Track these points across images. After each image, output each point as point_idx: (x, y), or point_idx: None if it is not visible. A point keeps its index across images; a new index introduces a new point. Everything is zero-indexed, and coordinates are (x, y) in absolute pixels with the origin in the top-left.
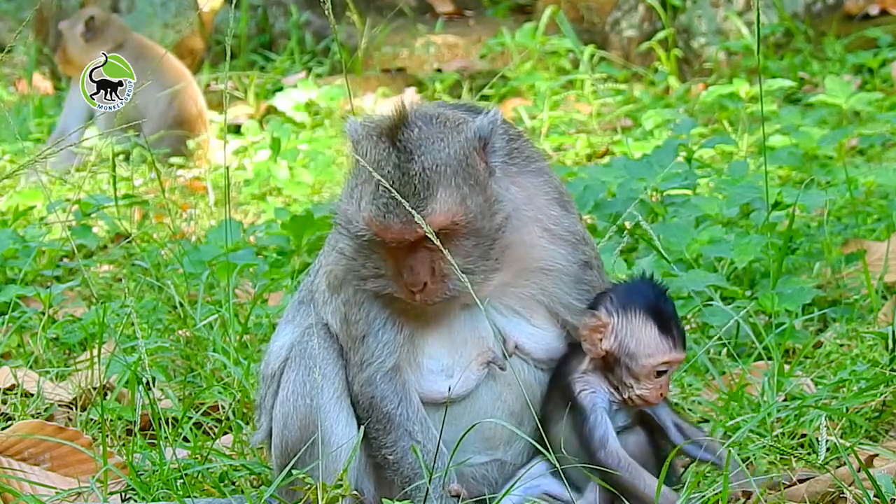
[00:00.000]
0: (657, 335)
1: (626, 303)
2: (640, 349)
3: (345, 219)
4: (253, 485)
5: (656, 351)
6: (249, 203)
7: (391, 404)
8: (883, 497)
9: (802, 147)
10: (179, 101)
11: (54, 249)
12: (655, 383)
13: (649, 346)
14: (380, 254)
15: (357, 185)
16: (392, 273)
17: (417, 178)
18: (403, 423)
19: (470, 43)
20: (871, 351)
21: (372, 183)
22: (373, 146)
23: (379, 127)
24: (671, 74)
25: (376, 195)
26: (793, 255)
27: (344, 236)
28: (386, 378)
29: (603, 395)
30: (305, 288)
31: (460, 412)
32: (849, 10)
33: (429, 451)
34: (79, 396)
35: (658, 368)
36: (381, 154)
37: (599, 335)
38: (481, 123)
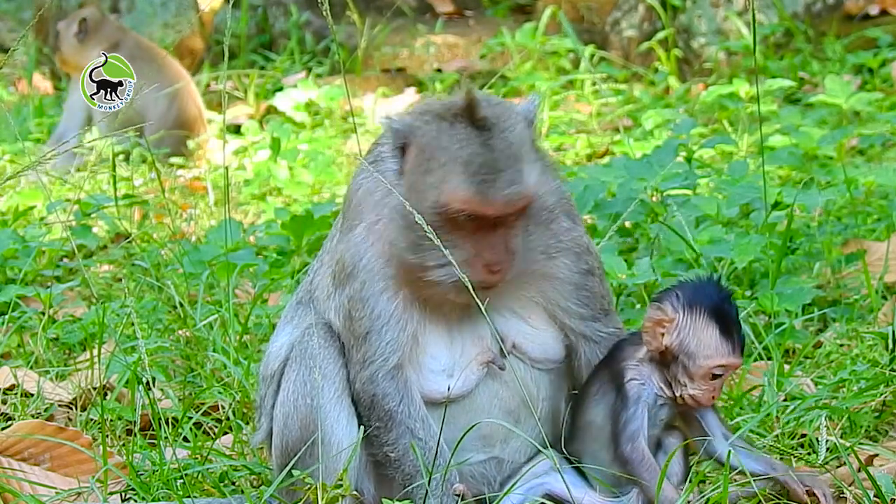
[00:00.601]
0: (718, 337)
1: (692, 301)
2: (699, 349)
3: (417, 206)
4: (253, 485)
5: (715, 353)
6: (249, 203)
7: (392, 402)
8: (883, 497)
9: (802, 147)
10: (179, 102)
11: (54, 249)
12: (710, 385)
13: (709, 348)
14: (453, 238)
15: (433, 170)
16: (468, 256)
17: (505, 153)
18: (405, 421)
19: (470, 43)
20: (871, 351)
21: (458, 163)
22: (447, 129)
23: (450, 110)
24: (671, 74)
25: (470, 173)
26: (793, 255)
27: (402, 228)
28: (388, 376)
29: (651, 389)
30: (304, 289)
31: (458, 411)
32: (849, 10)
33: (430, 448)
34: (79, 396)
35: (714, 371)
36: (460, 134)
37: (662, 329)
38: (529, 106)
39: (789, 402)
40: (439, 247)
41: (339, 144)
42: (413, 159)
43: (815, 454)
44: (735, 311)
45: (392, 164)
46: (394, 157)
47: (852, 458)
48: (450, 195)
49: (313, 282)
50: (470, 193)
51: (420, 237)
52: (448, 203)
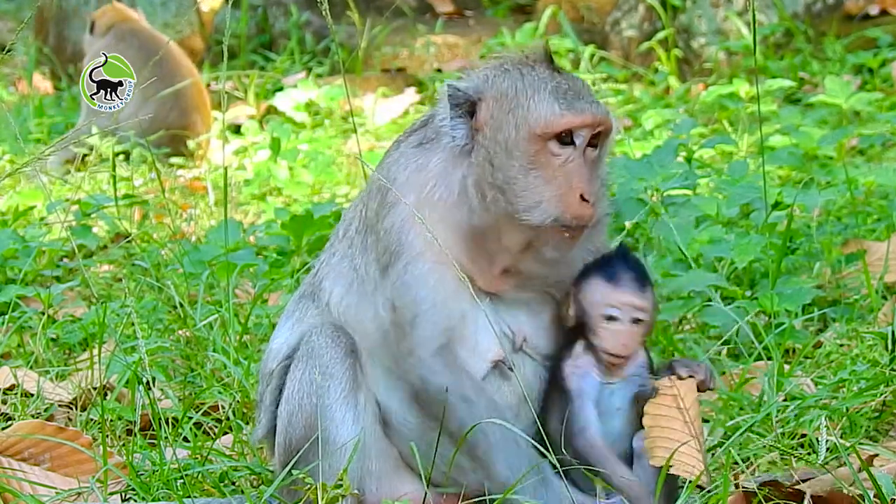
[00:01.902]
0: (600, 281)
1: (585, 267)
2: (586, 299)
3: (504, 149)
4: (253, 485)
5: (598, 295)
6: (249, 203)
7: (443, 376)
8: (883, 497)
9: (802, 147)
10: (183, 100)
11: (54, 249)
12: (609, 330)
13: (594, 294)
14: (543, 174)
15: (520, 104)
16: (560, 190)
17: (585, 87)
18: (457, 390)
19: (470, 43)
20: (871, 351)
21: (545, 91)
22: (527, 72)
23: (527, 58)
24: (671, 74)
25: (559, 94)
26: (793, 255)
27: (481, 183)
28: (436, 354)
29: (593, 379)
30: (308, 282)
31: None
32: (849, 10)
33: (482, 407)
34: (79, 396)
35: (604, 312)
36: (543, 74)
37: (566, 306)
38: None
39: (789, 402)
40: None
41: (339, 144)
42: (490, 109)
43: (816, 454)
44: (627, 256)
45: (458, 132)
46: (459, 121)
47: (852, 458)
48: (543, 116)
49: (318, 275)
50: (562, 108)
51: (511, 178)
52: (542, 125)
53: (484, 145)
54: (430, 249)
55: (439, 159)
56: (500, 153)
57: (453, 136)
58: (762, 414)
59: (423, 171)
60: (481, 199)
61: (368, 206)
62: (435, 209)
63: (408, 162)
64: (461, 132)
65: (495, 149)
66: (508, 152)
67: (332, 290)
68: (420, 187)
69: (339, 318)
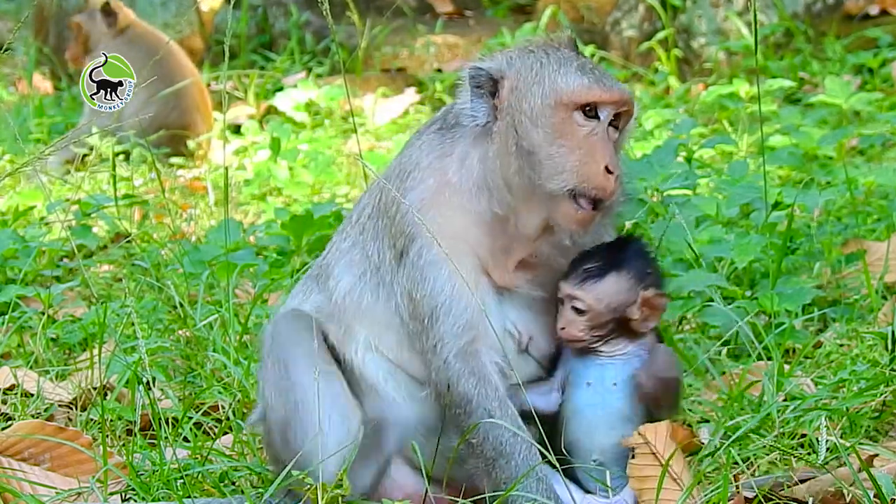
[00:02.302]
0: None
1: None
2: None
3: (534, 106)
4: (253, 485)
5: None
6: (249, 203)
7: (468, 384)
8: (883, 497)
9: (802, 147)
10: (183, 99)
11: (54, 249)
12: (560, 313)
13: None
14: (571, 143)
15: (544, 78)
16: (585, 160)
17: (607, 71)
18: (482, 403)
19: (470, 43)
20: (871, 351)
21: (571, 66)
22: (554, 51)
23: (552, 42)
24: (671, 74)
25: (584, 70)
26: (793, 255)
27: (505, 155)
28: (460, 357)
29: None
30: (317, 264)
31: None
32: (849, 10)
33: (507, 430)
34: (79, 396)
35: (559, 295)
36: (567, 56)
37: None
38: None
39: (789, 402)
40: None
41: (339, 144)
42: (514, 85)
43: (816, 454)
44: (597, 252)
45: (480, 111)
46: (480, 101)
47: (853, 458)
48: (571, 85)
49: (327, 258)
50: (590, 80)
51: (532, 148)
52: (568, 93)
53: (508, 116)
54: (446, 235)
55: (461, 144)
56: (525, 121)
57: (474, 116)
58: (762, 414)
59: (446, 157)
60: (503, 172)
61: (385, 190)
62: (455, 194)
63: (431, 147)
64: (483, 111)
65: (520, 117)
66: (534, 120)
67: (341, 278)
68: (441, 172)
69: (341, 306)
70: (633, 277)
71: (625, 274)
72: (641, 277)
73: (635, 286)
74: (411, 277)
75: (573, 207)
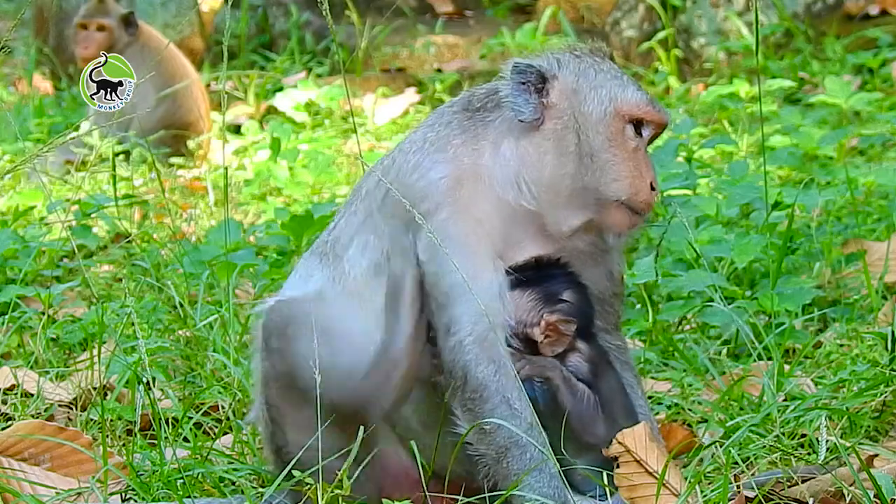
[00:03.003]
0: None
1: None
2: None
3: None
4: (253, 485)
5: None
6: (249, 203)
7: (487, 371)
8: (883, 497)
9: (802, 147)
10: (182, 100)
11: (54, 249)
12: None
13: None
14: (617, 154)
15: (602, 84)
16: (635, 174)
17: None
18: (500, 391)
19: (470, 43)
20: (871, 351)
21: (628, 80)
22: (602, 61)
23: (599, 49)
24: (671, 74)
25: (638, 86)
26: (793, 255)
27: (563, 154)
28: (478, 342)
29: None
30: (322, 240)
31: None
32: (849, 10)
33: (526, 421)
34: (79, 396)
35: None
36: (615, 68)
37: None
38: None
39: (789, 402)
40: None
41: (339, 144)
42: (568, 86)
43: (816, 454)
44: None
45: (527, 107)
46: (527, 97)
47: (853, 459)
48: (630, 98)
49: (333, 233)
50: (646, 98)
51: (593, 151)
52: (628, 106)
53: (565, 117)
54: (472, 216)
55: (492, 131)
56: (586, 124)
57: (520, 111)
58: (762, 414)
59: (480, 140)
60: (552, 172)
61: (406, 160)
62: (486, 179)
63: (462, 127)
64: (530, 107)
65: (582, 120)
66: (595, 125)
67: (348, 258)
68: (477, 154)
69: (352, 283)
70: (537, 299)
71: (528, 294)
72: (548, 301)
73: (537, 308)
74: (428, 249)
75: (626, 214)
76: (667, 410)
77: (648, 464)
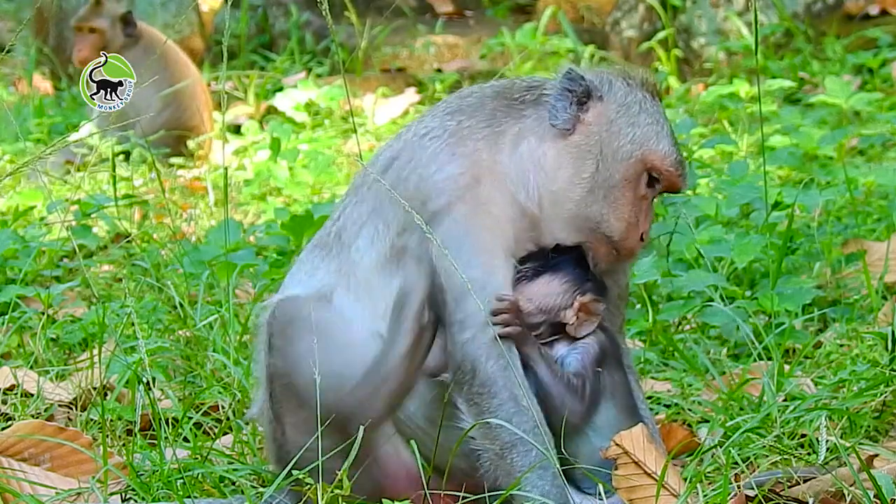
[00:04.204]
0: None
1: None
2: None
3: (622, 147)
4: (253, 485)
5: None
6: (249, 203)
7: (497, 366)
8: (883, 497)
9: (802, 147)
10: (182, 99)
11: (54, 249)
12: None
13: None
14: (624, 198)
15: (640, 124)
16: (632, 221)
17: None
18: (509, 387)
19: (470, 43)
20: (871, 351)
21: (666, 130)
22: (644, 95)
23: (636, 79)
24: (671, 74)
25: (675, 143)
26: (793, 255)
27: (601, 169)
28: (488, 339)
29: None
30: (326, 230)
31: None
32: (849, 10)
33: (532, 417)
34: (79, 396)
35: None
36: (656, 106)
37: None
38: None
39: (789, 403)
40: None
41: (339, 144)
42: (608, 112)
43: (816, 454)
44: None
45: (564, 114)
46: (568, 105)
47: (853, 459)
48: (660, 150)
49: (338, 223)
50: (677, 158)
51: (606, 184)
52: (654, 155)
53: (592, 140)
54: (489, 211)
55: (515, 124)
56: (609, 156)
57: (556, 115)
58: (762, 414)
59: (502, 136)
60: (563, 187)
61: (423, 147)
62: (501, 175)
63: (491, 116)
64: (566, 117)
65: (607, 151)
66: (616, 161)
67: (357, 248)
68: (495, 150)
69: (361, 275)
70: (569, 282)
71: (559, 278)
72: (579, 283)
73: (570, 290)
74: (443, 244)
75: (610, 252)
76: (666, 410)
77: (647, 465)
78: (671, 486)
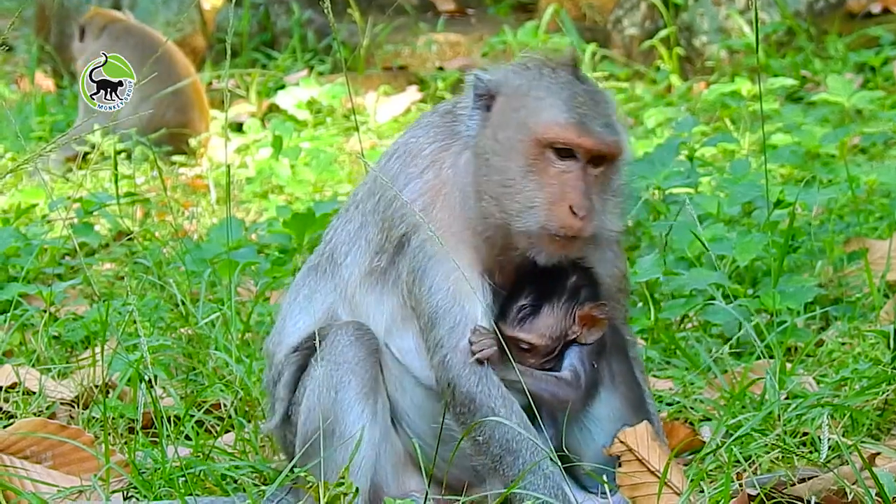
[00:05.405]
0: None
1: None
2: None
3: (507, 147)
4: (255, 482)
5: None
6: (251, 201)
7: (470, 384)
8: (885, 495)
9: (804, 145)
10: (181, 98)
11: (56, 247)
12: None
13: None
14: (540, 180)
15: (527, 105)
16: (553, 198)
17: (602, 103)
18: (486, 402)
19: (472, 41)
20: (872, 349)
21: (558, 98)
22: (548, 74)
23: (553, 61)
24: (673, 73)
25: (570, 106)
26: (795, 253)
27: (481, 176)
28: (460, 356)
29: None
30: (318, 252)
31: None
32: (851, 8)
33: (512, 428)
34: (81, 394)
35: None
36: (562, 79)
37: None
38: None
39: (791, 401)
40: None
41: (340, 142)
42: (502, 106)
43: (818, 452)
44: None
45: (472, 122)
46: (476, 109)
47: (855, 457)
48: (549, 123)
49: (330, 244)
50: (569, 121)
51: (505, 180)
52: (546, 131)
53: (485, 144)
54: (448, 232)
55: (459, 140)
56: (499, 154)
57: (467, 126)
58: (764, 412)
59: (444, 151)
60: (477, 201)
61: (387, 169)
62: (451, 193)
63: (435, 134)
64: (473, 124)
65: (495, 148)
66: (507, 153)
67: (347, 265)
68: (439, 166)
69: (352, 297)
70: (566, 301)
71: (556, 302)
72: (573, 298)
73: (569, 309)
74: (411, 271)
75: (546, 241)
76: (669, 409)
77: (650, 463)
78: (674, 485)
